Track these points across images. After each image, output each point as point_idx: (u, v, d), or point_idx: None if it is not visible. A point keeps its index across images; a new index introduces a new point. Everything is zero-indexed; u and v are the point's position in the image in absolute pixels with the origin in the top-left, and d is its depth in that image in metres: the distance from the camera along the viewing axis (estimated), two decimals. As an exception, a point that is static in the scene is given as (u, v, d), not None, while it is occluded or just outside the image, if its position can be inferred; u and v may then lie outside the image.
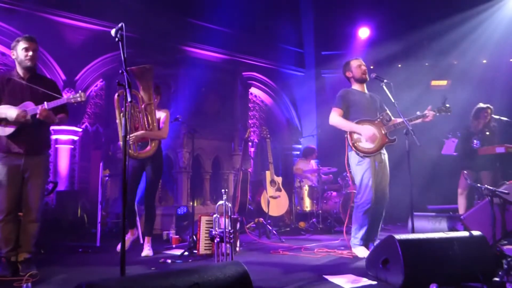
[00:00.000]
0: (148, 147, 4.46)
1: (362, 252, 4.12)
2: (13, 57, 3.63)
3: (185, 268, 1.86)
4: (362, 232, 4.14)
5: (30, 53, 3.56)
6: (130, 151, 4.31)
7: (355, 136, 4.17)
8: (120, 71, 2.57)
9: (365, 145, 4.14)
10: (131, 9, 7.61)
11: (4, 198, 3.46)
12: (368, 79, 4.38)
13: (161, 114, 4.61)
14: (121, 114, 4.29)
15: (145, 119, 4.40)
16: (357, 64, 4.39)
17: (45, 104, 3.45)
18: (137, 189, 4.78)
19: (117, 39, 2.60)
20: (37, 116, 3.44)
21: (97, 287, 1.53)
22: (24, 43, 3.55)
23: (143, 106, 4.41)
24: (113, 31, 2.61)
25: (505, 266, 2.66)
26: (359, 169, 4.16)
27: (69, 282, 3.18)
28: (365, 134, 4.11)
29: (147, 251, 4.53)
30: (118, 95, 4.35)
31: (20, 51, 3.56)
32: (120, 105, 4.33)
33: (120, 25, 2.59)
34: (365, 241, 4.19)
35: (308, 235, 6.21)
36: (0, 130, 3.47)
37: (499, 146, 5.38)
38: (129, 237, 4.79)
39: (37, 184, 3.58)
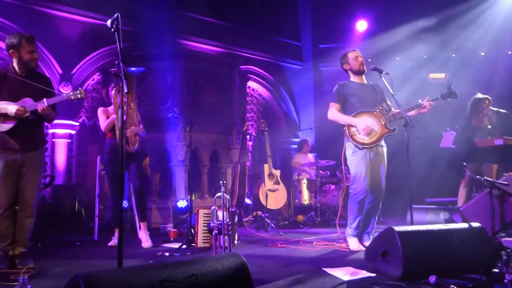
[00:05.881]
0: (133, 140, 4.64)
1: (354, 243, 4.17)
2: (14, 56, 3.51)
3: (183, 260, 1.84)
4: (356, 222, 4.19)
5: (36, 55, 3.56)
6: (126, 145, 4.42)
7: (353, 128, 4.18)
8: (116, 62, 2.54)
9: (363, 136, 4.13)
10: (127, 2, 7.55)
11: (2, 194, 3.43)
12: (366, 70, 4.36)
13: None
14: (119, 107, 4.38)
15: (133, 116, 4.68)
16: (354, 56, 4.37)
17: (45, 101, 3.42)
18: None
19: (113, 29, 2.57)
20: (39, 111, 3.42)
21: (93, 279, 1.51)
22: (29, 46, 3.50)
23: (131, 104, 4.67)
24: (109, 22, 2.58)
25: (504, 258, 2.65)
26: (353, 159, 4.18)
27: (67, 275, 3.15)
28: (359, 126, 4.12)
29: (147, 242, 4.54)
30: (114, 89, 4.49)
31: (25, 54, 3.49)
32: (117, 100, 4.51)
33: (115, 15, 2.55)
34: (359, 232, 4.24)
35: (307, 228, 6.21)
36: None
37: (498, 138, 5.35)
38: (115, 240, 4.70)
39: (34, 178, 3.56)
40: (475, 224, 3.07)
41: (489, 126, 5.75)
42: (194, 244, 4.37)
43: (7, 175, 3.45)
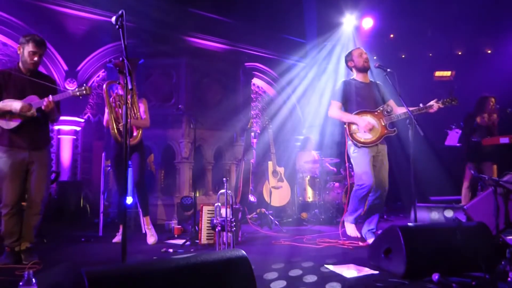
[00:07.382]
0: (135, 134, 4.57)
1: (351, 229, 4.45)
2: (19, 52, 3.56)
3: (186, 255, 1.85)
4: (356, 214, 4.36)
5: (36, 58, 3.54)
6: (120, 138, 4.37)
7: (353, 127, 4.22)
8: (120, 59, 2.56)
9: (363, 135, 4.16)
10: (133, -1, 7.57)
11: (9, 192, 3.46)
12: (370, 67, 4.37)
13: (141, 105, 4.71)
14: (111, 104, 4.43)
15: (133, 108, 4.54)
16: (358, 53, 4.40)
17: (50, 97, 3.44)
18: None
19: (117, 26, 2.58)
20: (43, 107, 3.44)
21: (97, 274, 1.53)
22: (33, 47, 3.50)
23: (129, 97, 4.53)
24: (113, 18, 2.59)
25: (508, 256, 2.64)
26: (355, 157, 4.23)
27: (71, 270, 3.19)
28: (361, 124, 4.15)
29: (152, 238, 4.56)
30: (105, 84, 4.42)
31: (26, 53, 3.51)
32: (109, 95, 4.43)
33: (120, 12, 2.57)
34: (357, 223, 4.50)
35: (310, 226, 6.21)
36: (4, 124, 3.46)
37: (503, 136, 5.33)
38: (119, 237, 4.71)
39: (43, 176, 3.58)
40: (478, 222, 3.07)
41: (495, 124, 5.73)
42: (198, 241, 4.38)
43: (15, 173, 3.47)
